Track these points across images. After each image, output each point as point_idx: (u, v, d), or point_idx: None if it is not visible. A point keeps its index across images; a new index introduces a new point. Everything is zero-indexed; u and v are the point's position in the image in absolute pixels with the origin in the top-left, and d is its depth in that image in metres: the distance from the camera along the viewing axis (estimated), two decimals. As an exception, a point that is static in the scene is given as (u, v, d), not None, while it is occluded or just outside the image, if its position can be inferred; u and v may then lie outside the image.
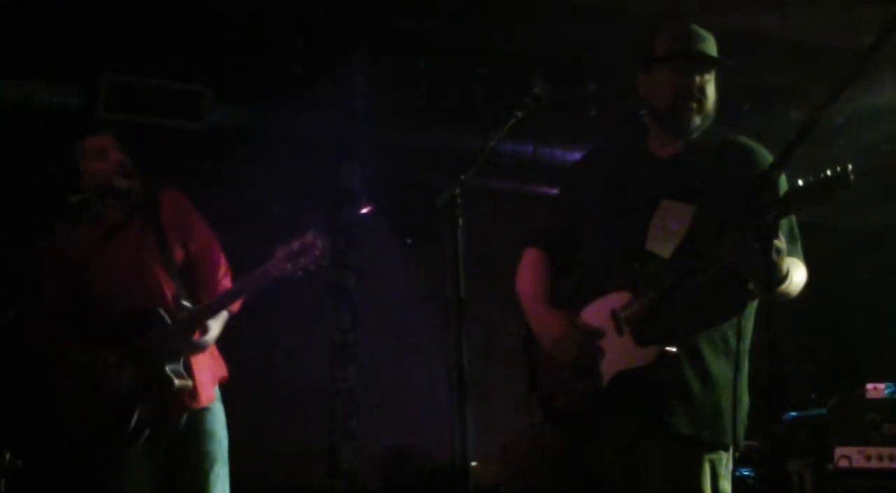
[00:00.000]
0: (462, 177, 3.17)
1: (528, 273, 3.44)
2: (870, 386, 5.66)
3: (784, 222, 3.01)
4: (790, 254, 3.01)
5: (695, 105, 3.18)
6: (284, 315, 7.58)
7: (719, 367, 3.07)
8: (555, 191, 3.57)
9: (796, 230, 3.16)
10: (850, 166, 2.62)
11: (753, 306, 3.13)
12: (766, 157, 3.15)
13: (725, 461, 3.08)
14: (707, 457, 3.05)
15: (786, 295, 2.98)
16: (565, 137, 7.55)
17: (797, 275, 3.01)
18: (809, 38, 6.43)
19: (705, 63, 3.19)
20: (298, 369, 7.65)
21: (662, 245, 3.07)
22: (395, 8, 6.36)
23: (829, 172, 2.64)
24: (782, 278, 2.88)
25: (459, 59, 6.92)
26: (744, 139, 3.26)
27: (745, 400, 3.12)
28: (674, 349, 2.98)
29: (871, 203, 8.48)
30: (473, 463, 3.23)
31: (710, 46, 3.21)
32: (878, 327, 8.37)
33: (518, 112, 3.31)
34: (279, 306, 7.39)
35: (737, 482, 3.11)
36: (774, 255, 2.70)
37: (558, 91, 6.72)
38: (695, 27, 3.23)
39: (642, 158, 3.29)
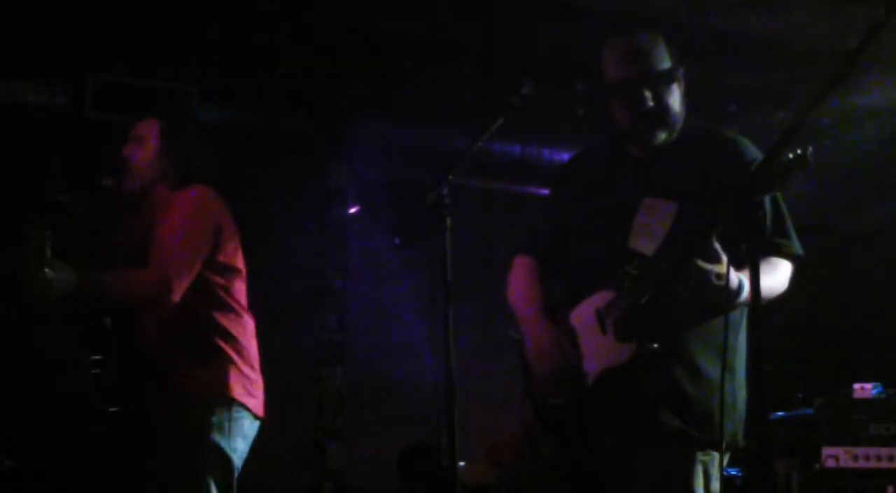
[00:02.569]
0: (450, 176, 3.17)
1: (520, 283, 3.44)
2: (857, 386, 5.67)
3: (768, 203, 3.00)
4: (776, 235, 3.05)
5: (654, 123, 3.16)
6: (271, 315, 7.55)
7: (711, 365, 3.04)
8: (543, 191, 3.58)
9: (782, 208, 3.13)
10: (810, 149, 2.54)
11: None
12: (751, 149, 3.15)
13: (717, 461, 3.06)
14: (699, 458, 3.03)
15: (768, 296, 2.96)
16: (553, 136, 7.56)
17: (770, 278, 2.96)
18: (796, 38, 6.45)
19: (654, 80, 3.13)
20: (285, 368, 7.63)
21: (646, 243, 3.07)
22: (383, 9, 6.35)
23: (790, 156, 2.56)
24: (731, 296, 2.86)
25: (447, 58, 6.91)
26: (727, 132, 3.25)
27: (741, 398, 3.09)
28: (654, 345, 2.98)
29: (860, 203, 8.51)
30: (461, 463, 3.23)
31: (658, 56, 3.14)
32: (867, 327, 8.38)
33: (506, 112, 3.31)
34: (266, 305, 7.37)
35: (724, 481, 3.10)
36: (713, 280, 2.79)
37: (546, 91, 6.71)
38: (637, 41, 3.15)
39: (624, 158, 3.29)
